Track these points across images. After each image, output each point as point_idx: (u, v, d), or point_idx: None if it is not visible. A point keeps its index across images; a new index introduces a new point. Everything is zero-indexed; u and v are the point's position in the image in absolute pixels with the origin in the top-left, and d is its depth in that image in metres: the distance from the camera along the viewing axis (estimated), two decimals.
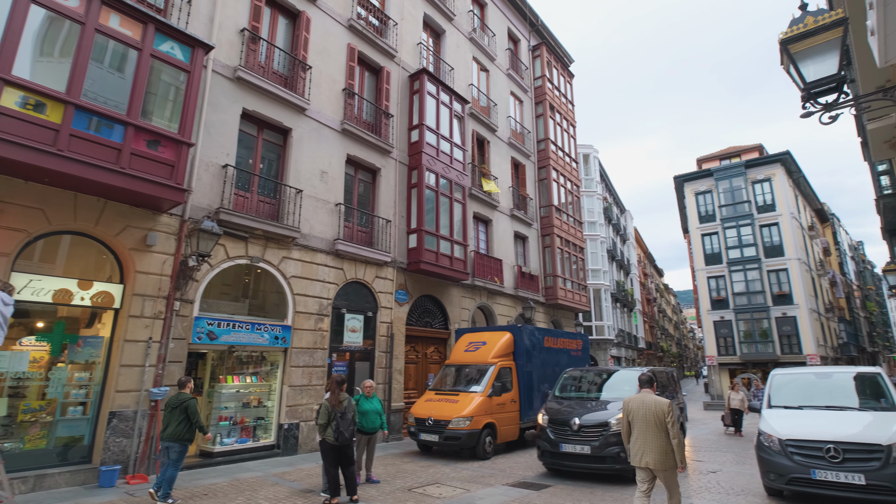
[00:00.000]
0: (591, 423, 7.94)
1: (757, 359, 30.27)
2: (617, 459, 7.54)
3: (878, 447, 5.96)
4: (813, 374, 8.09)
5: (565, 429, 8.12)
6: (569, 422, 8.10)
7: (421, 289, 14.11)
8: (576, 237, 22.62)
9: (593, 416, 8.07)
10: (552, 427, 8.33)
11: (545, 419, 8.53)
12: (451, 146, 15.37)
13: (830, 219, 46.68)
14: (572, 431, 8.01)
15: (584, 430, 7.94)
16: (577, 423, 8.00)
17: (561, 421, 8.26)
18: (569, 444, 7.98)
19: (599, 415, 8.06)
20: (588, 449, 7.79)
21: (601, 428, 7.83)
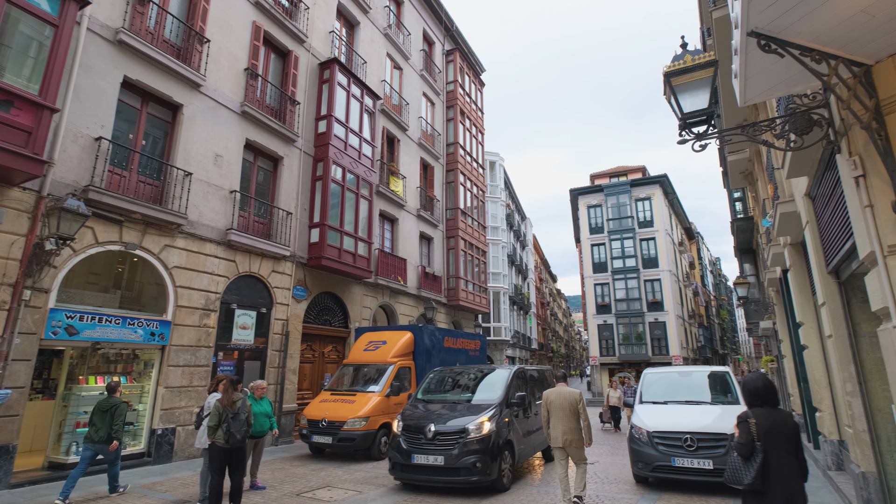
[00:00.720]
0: (448, 430, 7.03)
1: (632, 359, 33.51)
2: (473, 471, 6.69)
3: (724, 436, 6.85)
4: (677, 372, 9.11)
5: (419, 437, 7.15)
6: (423, 428, 7.15)
7: (321, 285, 13.62)
8: (479, 241, 23.33)
9: (453, 422, 7.17)
10: (405, 435, 7.33)
11: (399, 426, 7.52)
12: (360, 141, 15.04)
13: (696, 237, 53.20)
14: (426, 440, 7.06)
15: (440, 437, 7.02)
16: (433, 429, 7.07)
17: (415, 427, 7.27)
18: (421, 454, 6.98)
19: (459, 420, 7.16)
20: (441, 460, 6.82)
21: (458, 435, 6.93)
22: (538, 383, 9.66)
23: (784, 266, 9.78)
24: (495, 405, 7.41)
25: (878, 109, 3.32)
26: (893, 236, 3.22)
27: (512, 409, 7.70)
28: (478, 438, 6.86)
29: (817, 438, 9.46)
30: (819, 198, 5.69)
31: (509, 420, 7.50)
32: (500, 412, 7.34)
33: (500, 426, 7.16)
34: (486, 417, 7.11)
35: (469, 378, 8.78)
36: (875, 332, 5.35)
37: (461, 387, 8.60)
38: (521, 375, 8.76)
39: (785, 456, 3.34)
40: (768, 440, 3.36)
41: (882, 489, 5.10)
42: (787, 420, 3.46)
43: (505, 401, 7.63)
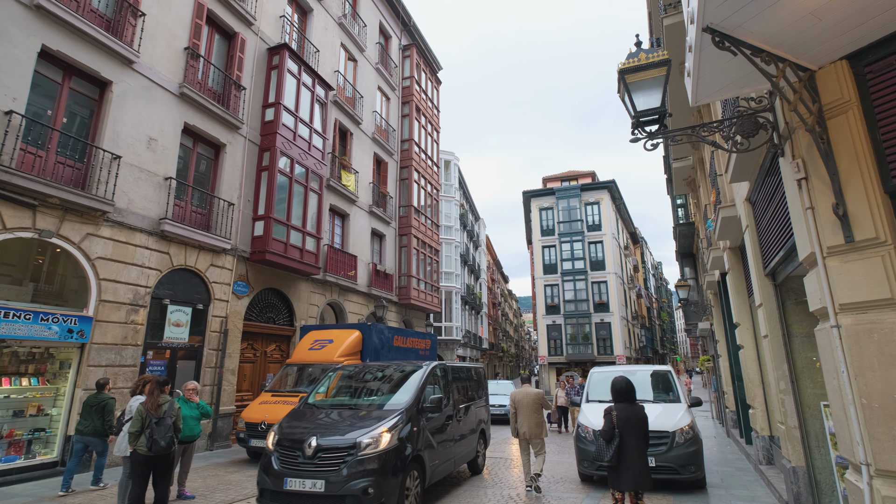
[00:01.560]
0: (334, 445, 5.38)
1: (579, 359, 34.42)
2: (364, 498, 5.11)
3: (666, 433, 7.00)
4: (622, 371, 9.28)
5: (296, 454, 5.45)
6: (303, 443, 5.46)
7: (265, 281, 12.97)
8: (432, 239, 23.15)
9: (343, 434, 5.53)
10: (280, 452, 5.58)
11: (274, 440, 5.80)
12: (310, 132, 14.48)
13: (640, 241, 55.48)
14: (304, 458, 5.37)
15: (324, 455, 5.36)
16: (314, 444, 5.40)
17: (293, 442, 5.56)
18: (296, 477, 5.32)
19: (351, 433, 5.52)
20: (322, 485, 5.20)
21: (347, 451, 5.31)
22: (468, 383, 8.49)
23: (723, 269, 10.20)
24: (400, 412, 5.94)
25: (821, 114, 3.38)
26: (833, 238, 3.28)
27: (424, 416, 6.34)
28: (373, 455, 5.30)
29: (749, 434, 9.93)
30: (758, 203, 5.88)
31: (419, 430, 6.09)
32: (406, 420, 5.89)
33: (406, 438, 5.73)
34: (385, 427, 5.56)
35: (381, 378, 7.29)
36: (806, 334, 5.59)
37: (369, 388, 7.06)
38: (441, 375, 7.44)
39: (635, 440, 4.51)
40: (624, 428, 4.53)
41: (811, 483, 5.32)
42: (639, 413, 4.64)
43: (415, 406, 6.21)
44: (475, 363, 9.50)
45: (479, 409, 8.72)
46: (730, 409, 12.72)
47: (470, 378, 8.77)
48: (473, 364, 9.44)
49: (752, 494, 6.85)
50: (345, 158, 17.25)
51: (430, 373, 7.07)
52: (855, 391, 3.11)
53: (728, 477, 7.98)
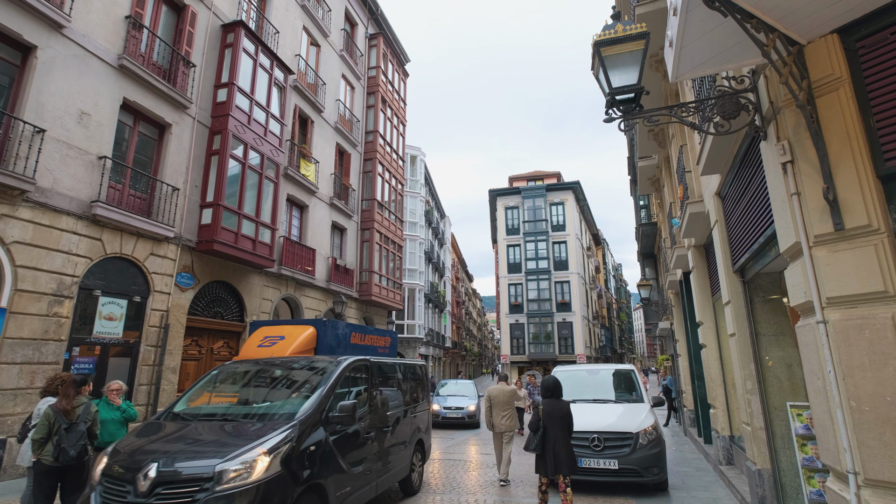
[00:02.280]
0: (181, 477, 3.81)
1: (541, 358, 34.58)
2: None
3: (630, 435, 6.76)
4: (585, 370, 9.06)
5: (125, 489, 3.86)
6: (137, 474, 3.86)
7: (213, 273, 12.11)
8: (396, 235, 22.58)
9: (204, 461, 3.87)
10: (105, 486, 3.99)
11: (102, 467, 4.16)
12: (267, 116, 13.67)
13: (602, 243, 56.52)
14: (137, 495, 3.78)
15: (164, 491, 3.78)
16: (151, 476, 3.81)
17: (126, 471, 3.95)
18: None
19: (213, 459, 3.88)
20: None
21: (199, 486, 3.77)
22: (405, 384, 7.19)
23: (686, 268, 10.15)
24: (290, 426, 4.33)
25: (811, 91, 3.11)
26: (821, 226, 3.01)
27: (331, 429, 4.79)
28: (241, 489, 3.76)
29: (709, 433, 9.91)
30: (729, 197, 5.69)
31: (320, 448, 4.55)
32: (299, 436, 4.31)
33: (296, 461, 4.20)
34: (263, 448, 3.99)
35: (280, 378, 5.70)
36: (774, 332, 5.42)
37: (261, 392, 5.47)
38: (363, 374, 5.94)
39: (558, 430, 5.13)
40: (549, 420, 5.14)
41: (776, 486, 5.15)
42: (562, 407, 5.28)
43: (317, 415, 4.65)
44: (416, 360, 8.48)
45: (417, 415, 7.38)
46: (688, 408, 12.79)
47: (407, 378, 7.51)
48: (411, 360, 8.14)
49: (714, 496, 6.71)
50: (305, 147, 16.45)
51: (345, 372, 5.41)
52: (843, 393, 2.84)
53: (688, 478, 7.85)
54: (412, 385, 7.70)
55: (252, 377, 5.86)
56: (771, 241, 4.31)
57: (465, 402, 15.91)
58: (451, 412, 15.39)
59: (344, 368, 5.46)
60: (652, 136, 11.01)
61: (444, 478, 8.11)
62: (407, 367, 7.78)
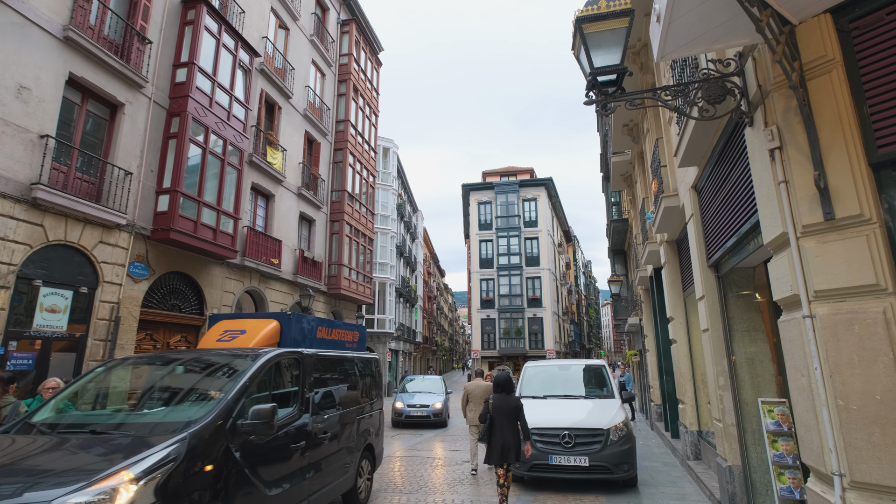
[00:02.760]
0: None
1: (511, 353, 34.71)
2: None
3: (600, 431, 6.64)
4: (556, 366, 8.93)
5: None
6: None
7: (169, 264, 11.45)
8: (366, 227, 22.10)
9: (41, 492, 2.79)
10: None
11: None
12: (230, 100, 13.01)
13: (573, 240, 57.21)
14: None
15: None
16: None
17: None
18: None
19: (55, 490, 2.81)
20: None
21: None
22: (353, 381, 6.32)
23: (658, 264, 10.16)
24: (176, 441, 3.33)
25: (802, 74, 2.95)
26: (810, 215, 2.86)
27: (240, 441, 3.79)
28: None
29: (676, 428, 9.97)
30: (706, 190, 5.59)
31: (220, 467, 3.56)
32: (188, 454, 3.31)
33: (181, 488, 3.23)
34: (131, 474, 2.97)
35: (180, 377, 4.65)
36: (747, 328, 5.36)
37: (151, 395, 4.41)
38: (294, 369, 4.98)
39: (506, 423, 5.50)
40: (497, 414, 5.54)
41: (746, 483, 5.09)
42: (511, 402, 5.63)
43: (218, 425, 3.64)
44: (367, 353, 7.58)
45: (367, 417, 6.56)
46: (655, 403, 12.91)
47: (355, 374, 6.57)
48: (361, 354, 7.11)
49: (683, 492, 6.67)
50: (271, 134, 15.80)
51: (265, 368, 4.34)
52: (829, 391, 2.70)
53: (657, 473, 7.83)
54: (362, 382, 6.79)
55: (148, 375, 4.72)
56: (750, 235, 4.19)
57: (432, 399, 14.99)
58: (416, 410, 14.47)
59: (263, 364, 4.33)
60: (626, 131, 10.96)
61: (409, 476, 7.84)
62: (355, 361, 6.74)
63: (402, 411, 14.48)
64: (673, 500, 6.30)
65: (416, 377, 17.08)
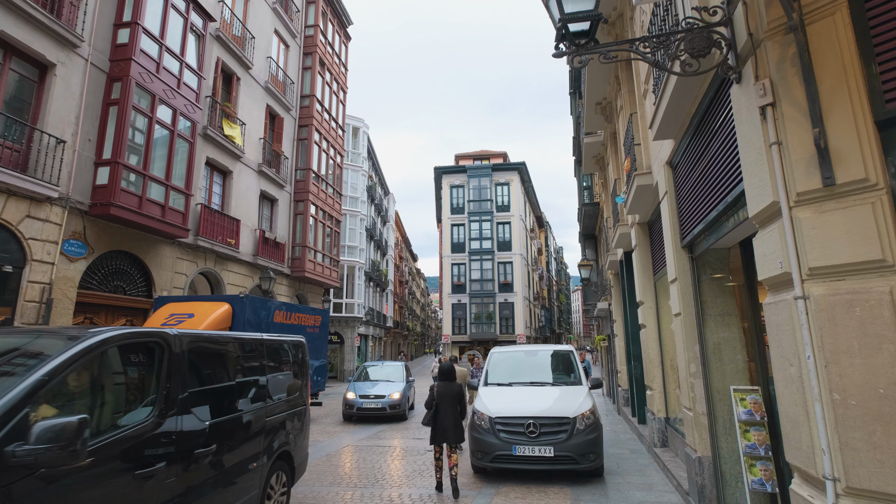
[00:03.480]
0: None
1: (482, 338, 34.62)
2: None
3: (567, 420, 6.32)
4: (523, 351, 8.59)
5: None
6: None
7: (112, 242, 10.57)
8: (333, 208, 21.31)
9: None
10: None
11: None
12: (181, 66, 12.03)
13: (545, 225, 57.37)
14: None
15: None
16: None
17: None
18: None
19: None
20: None
21: None
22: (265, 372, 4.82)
23: (628, 247, 9.89)
24: None
25: (801, 17, 2.53)
26: (806, 181, 2.47)
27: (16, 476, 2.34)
28: None
29: (643, 414, 9.83)
30: (682, 165, 5.22)
31: None
32: None
33: None
34: None
35: None
36: (720, 312, 5.06)
37: None
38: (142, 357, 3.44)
39: (448, 408, 5.91)
40: (441, 399, 5.95)
41: (716, 474, 4.84)
42: (453, 388, 6.04)
43: None
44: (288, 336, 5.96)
45: (282, 417, 5.05)
46: (622, 388, 12.83)
47: (266, 362, 4.94)
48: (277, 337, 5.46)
49: (650, 482, 6.44)
50: (228, 105, 14.82)
51: (77, 361, 2.83)
52: (823, 383, 2.34)
53: (623, 461, 7.62)
54: (277, 373, 5.17)
55: None
56: (730, 210, 3.83)
57: (390, 388, 12.90)
58: (369, 402, 12.38)
59: (82, 351, 2.86)
60: (599, 110, 10.58)
61: (364, 468, 7.41)
62: (267, 346, 5.07)
63: (353, 403, 12.53)
64: (639, 490, 6.06)
65: (375, 363, 15.27)
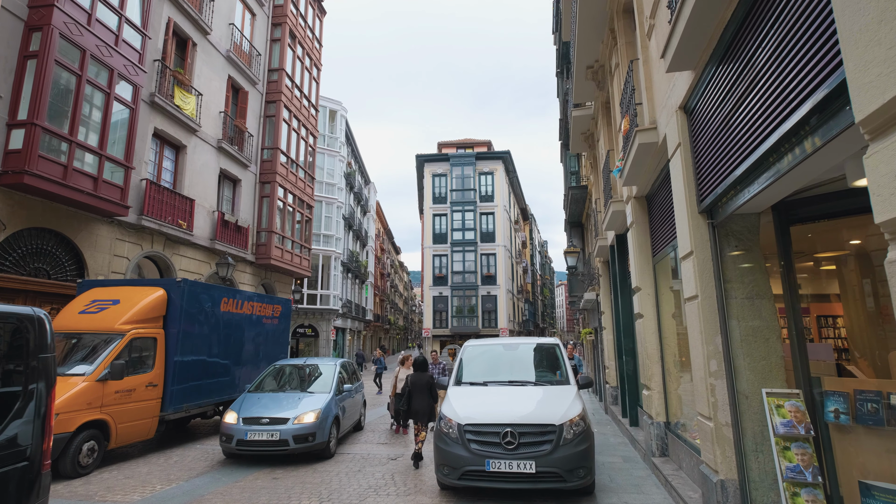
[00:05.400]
0: None
1: (464, 331, 33.52)
2: None
3: (551, 427, 5.20)
4: (501, 345, 7.46)
5: None
6: None
7: (31, 218, 9.15)
8: (304, 192, 19.91)
9: None
10: None
11: None
12: (120, 21, 10.58)
13: (530, 218, 56.47)
14: None
15: None
16: None
17: None
18: None
19: None
20: None
21: None
22: None
23: (622, 228, 8.82)
24: None
25: None
26: None
27: None
28: None
29: (635, 414, 8.80)
30: (702, 106, 4.10)
31: None
32: None
33: None
34: None
35: None
36: (748, 295, 3.97)
37: None
38: None
39: (420, 394, 7.10)
40: (413, 388, 7.16)
41: (744, 502, 3.76)
42: (424, 377, 7.20)
43: None
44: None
45: None
46: (611, 385, 11.83)
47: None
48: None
49: (650, 502, 5.37)
50: (181, 72, 13.34)
51: None
52: None
53: (616, 473, 6.54)
54: None
55: None
56: (785, 145, 2.70)
57: (299, 405, 7.46)
58: (258, 431, 6.93)
59: None
60: (590, 75, 9.45)
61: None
62: None
63: (233, 432, 7.02)
64: None
65: (294, 361, 9.42)
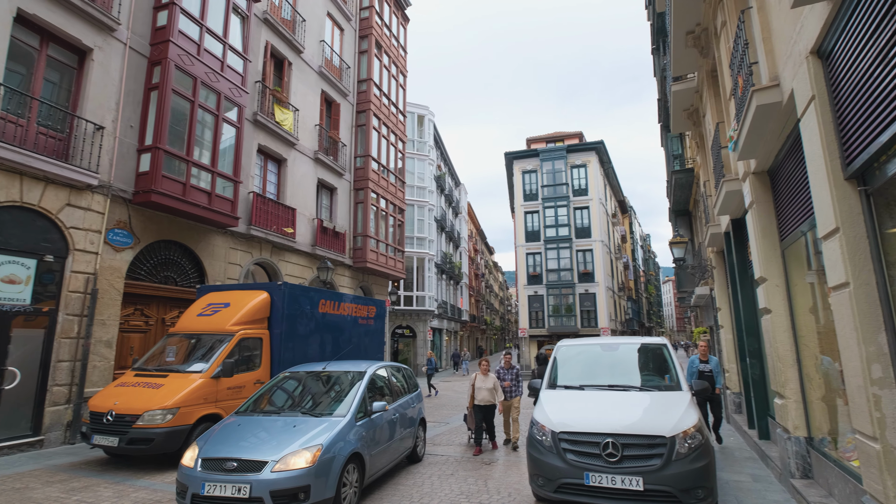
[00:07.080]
0: None
1: (561, 331, 32.30)
2: None
3: (661, 439, 4.57)
4: (599, 345, 6.84)
5: None
6: None
7: (159, 231, 10.27)
8: (396, 196, 20.43)
9: None
10: None
11: None
12: (224, 49, 11.55)
13: (629, 210, 53.14)
14: None
15: None
16: None
17: None
18: None
19: None
20: None
21: None
22: None
23: (739, 212, 7.71)
24: None
25: None
26: None
27: None
28: None
29: (764, 425, 7.62)
30: (847, 40, 3.30)
31: None
32: None
33: None
34: None
35: None
36: None
37: None
38: None
39: None
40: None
41: None
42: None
43: None
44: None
45: None
46: (732, 391, 10.47)
47: None
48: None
49: None
50: (279, 91, 14.31)
51: None
52: None
53: (745, 495, 5.63)
54: None
55: None
56: None
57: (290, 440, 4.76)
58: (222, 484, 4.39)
59: None
60: (691, 41, 8.41)
61: None
62: None
63: (187, 481, 4.57)
64: None
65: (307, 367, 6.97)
